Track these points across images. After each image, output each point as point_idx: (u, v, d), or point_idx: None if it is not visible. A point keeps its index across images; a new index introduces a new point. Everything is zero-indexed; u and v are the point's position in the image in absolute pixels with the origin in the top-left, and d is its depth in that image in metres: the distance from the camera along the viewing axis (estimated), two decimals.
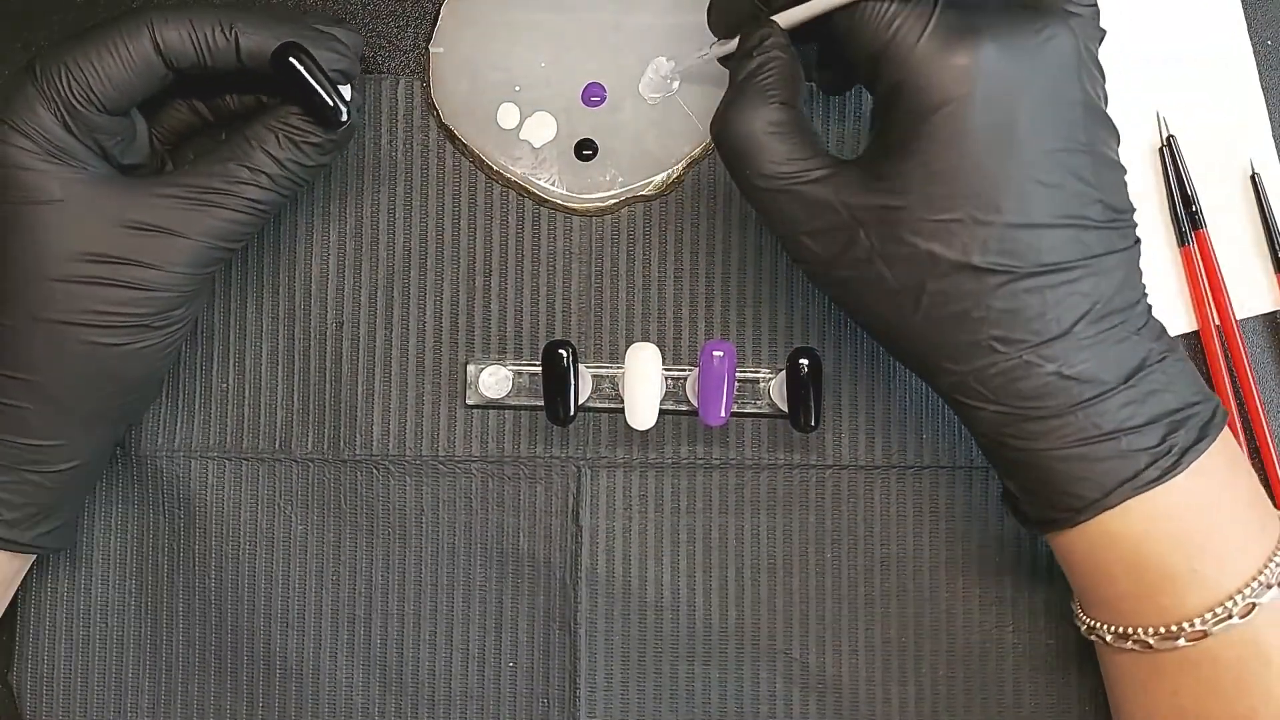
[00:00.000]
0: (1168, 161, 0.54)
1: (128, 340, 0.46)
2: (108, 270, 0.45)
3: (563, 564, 0.54)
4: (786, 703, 0.54)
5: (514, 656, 0.54)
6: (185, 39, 0.45)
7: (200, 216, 0.46)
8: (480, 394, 0.54)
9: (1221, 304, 0.54)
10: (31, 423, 0.46)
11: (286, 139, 0.47)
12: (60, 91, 0.44)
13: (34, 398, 0.45)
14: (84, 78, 0.44)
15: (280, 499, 0.54)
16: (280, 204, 0.48)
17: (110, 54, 0.45)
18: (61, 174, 0.45)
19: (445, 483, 0.54)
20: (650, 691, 0.54)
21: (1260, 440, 0.54)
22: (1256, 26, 0.55)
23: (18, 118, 0.45)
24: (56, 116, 0.45)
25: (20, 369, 0.45)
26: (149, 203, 0.45)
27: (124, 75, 0.45)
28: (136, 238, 0.45)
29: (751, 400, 0.53)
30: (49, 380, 0.45)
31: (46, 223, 0.45)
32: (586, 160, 0.54)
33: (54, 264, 0.45)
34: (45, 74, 0.45)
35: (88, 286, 0.45)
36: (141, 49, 0.45)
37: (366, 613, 0.54)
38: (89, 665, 0.54)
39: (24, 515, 0.47)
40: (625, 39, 0.54)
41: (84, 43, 0.45)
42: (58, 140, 0.45)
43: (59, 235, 0.45)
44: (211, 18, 0.46)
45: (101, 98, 0.45)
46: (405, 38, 0.55)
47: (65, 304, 0.45)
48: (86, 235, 0.45)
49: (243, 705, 0.54)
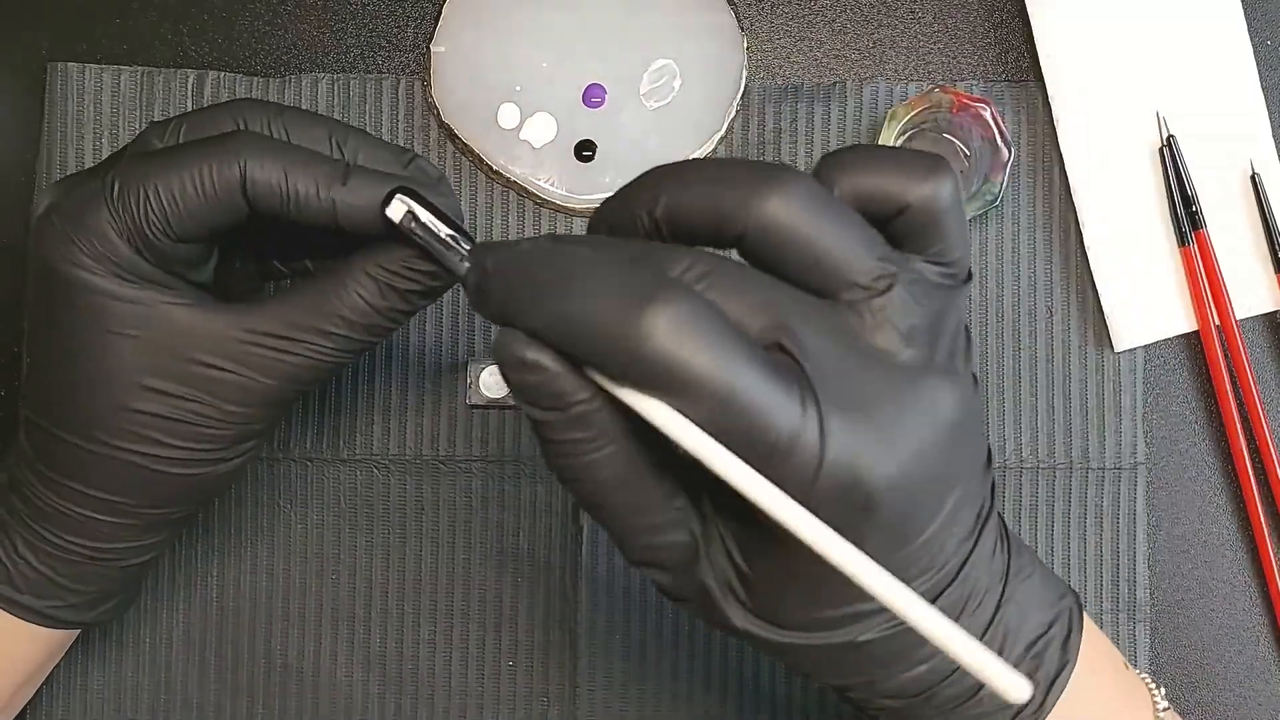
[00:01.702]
0: (1168, 161, 0.54)
1: (195, 471, 0.44)
2: (173, 407, 0.42)
3: (563, 564, 0.54)
4: (786, 702, 0.54)
5: (514, 656, 0.54)
6: (277, 190, 0.41)
7: (281, 362, 0.42)
8: (480, 394, 0.54)
9: (1221, 304, 0.54)
10: (99, 530, 0.44)
11: (389, 287, 0.42)
12: (136, 220, 0.41)
13: (101, 509, 0.44)
14: (163, 208, 0.41)
15: (280, 499, 0.54)
16: (371, 348, 0.44)
17: (196, 188, 0.41)
18: (133, 300, 0.42)
19: (445, 483, 0.54)
20: (650, 691, 0.54)
21: (1260, 440, 0.54)
22: (1256, 26, 0.55)
23: (88, 241, 0.41)
24: (129, 243, 0.41)
25: (89, 485, 0.44)
26: (222, 341, 0.42)
27: (207, 211, 0.41)
28: (204, 376, 0.42)
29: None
30: (117, 497, 0.44)
31: (113, 350, 0.42)
32: (586, 161, 0.54)
33: (119, 392, 0.42)
34: (122, 196, 0.41)
35: (150, 418, 0.42)
36: (230, 188, 0.41)
37: (366, 612, 0.54)
38: (89, 665, 0.54)
39: (88, 600, 0.46)
40: (627, 40, 0.54)
41: (168, 168, 0.41)
42: (129, 265, 0.41)
43: (124, 364, 0.42)
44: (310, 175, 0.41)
45: (179, 229, 0.41)
46: (405, 37, 0.55)
47: (130, 432, 0.42)
48: (152, 368, 0.42)
49: (243, 705, 0.54)
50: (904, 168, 0.35)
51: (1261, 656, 0.55)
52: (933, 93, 0.52)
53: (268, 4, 0.55)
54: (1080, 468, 0.54)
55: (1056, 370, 0.54)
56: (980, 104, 0.52)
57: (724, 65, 0.54)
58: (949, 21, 0.56)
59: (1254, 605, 0.55)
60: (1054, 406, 0.54)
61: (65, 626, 0.47)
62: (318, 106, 0.54)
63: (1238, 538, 0.55)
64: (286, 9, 0.55)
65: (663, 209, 0.35)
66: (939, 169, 0.35)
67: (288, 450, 0.54)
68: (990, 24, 0.56)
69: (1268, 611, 0.55)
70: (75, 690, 0.54)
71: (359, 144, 0.44)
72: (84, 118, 0.54)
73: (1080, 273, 0.55)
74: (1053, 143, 0.55)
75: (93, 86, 0.54)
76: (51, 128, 0.54)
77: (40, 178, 0.54)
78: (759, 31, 0.56)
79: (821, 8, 0.56)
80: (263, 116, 0.44)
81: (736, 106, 0.54)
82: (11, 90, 0.55)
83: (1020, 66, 0.56)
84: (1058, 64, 0.54)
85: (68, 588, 0.46)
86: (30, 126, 0.55)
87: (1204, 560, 0.55)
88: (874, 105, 0.55)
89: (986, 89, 0.55)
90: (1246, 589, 0.55)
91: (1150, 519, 0.55)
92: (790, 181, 0.34)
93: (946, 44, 0.56)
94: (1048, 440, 0.54)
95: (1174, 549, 0.55)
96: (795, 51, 0.56)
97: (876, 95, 0.55)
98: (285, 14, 0.55)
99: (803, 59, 0.56)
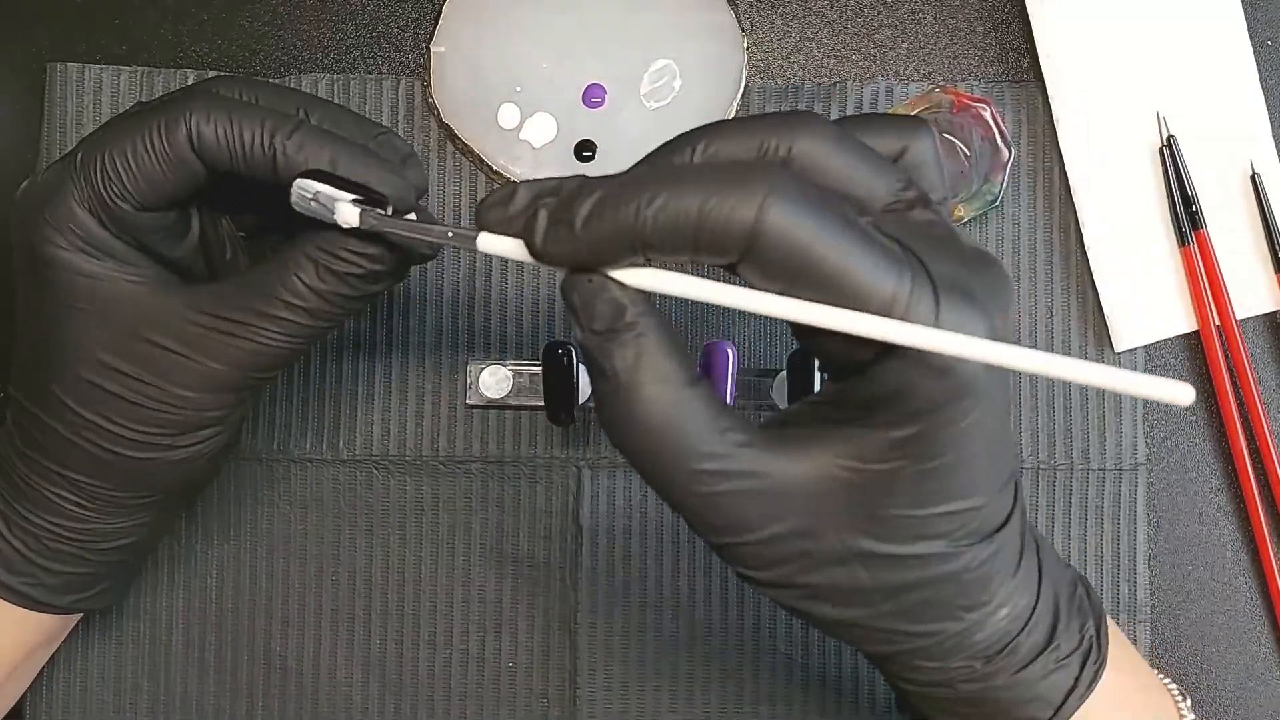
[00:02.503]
0: (1168, 161, 0.54)
1: (151, 454, 0.43)
2: (125, 385, 0.42)
3: (563, 564, 0.54)
4: (787, 703, 0.54)
5: (514, 656, 0.54)
6: (223, 141, 0.41)
7: (228, 346, 0.42)
8: (480, 394, 0.54)
9: (1221, 304, 0.54)
10: (69, 509, 0.45)
11: (328, 270, 0.41)
12: (95, 187, 0.41)
13: (68, 488, 0.44)
14: (118, 173, 0.41)
15: (280, 499, 0.54)
16: (323, 334, 0.43)
17: (147, 148, 0.41)
18: (96, 275, 0.42)
19: (445, 483, 0.54)
20: (650, 691, 0.54)
21: (1260, 440, 0.54)
22: (1256, 26, 0.55)
23: (54, 214, 0.41)
24: (93, 214, 0.41)
25: (58, 463, 0.44)
26: (171, 321, 0.42)
27: (159, 173, 0.41)
28: (158, 357, 0.42)
29: (752, 400, 0.53)
30: (84, 477, 0.44)
31: (73, 322, 0.42)
32: (586, 161, 0.54)
33: (78, 366, 0.42)
34: (84, 167, 0.41)
35: (106, 396, 0.42)
36: (178, 145, 0.41)
37: (366, 612, 0.54)
38: (88, 665, 0.54)
39: (63, 582, 0.46)
40: (627, 40, 0.54)
41: (120, 132, 0.41)
42: (94, 238, 0.42)
43: (84, 338, 0.42)
44: (256, 123, 0.41)
45: (136, 195, 0.41)
46: (405, 38, 0.55)
47: (88, 409, 0.42)
48: (106, 344, 0.42)
49: (243, 705, 0.54)
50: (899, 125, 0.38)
51: (1261, 656, 0.55)
52: (933, 93, 0.52)
53: (268, 4, 0.55)
54: (1080, 468, 0.54)
55: None
56: (980, 104, 0.52)
57: (724, 65, 0.54)
58: (949, 21, 0.56)
59: (1254, 605, 0.55)
60: (1054, 407, 0.54)
61: (42, 609, 0.47)
62: None
63: (1238, 538, 0.55)
64: (286, 9, 0.55)
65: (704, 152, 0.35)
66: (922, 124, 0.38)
67: (288, 450, 0.54)
68: (990, 24, 0.56)
69: (1268, 611, 0.55)
70: (75, 691, 0.54)
71: (326, 114, 0.43)
72: (84, 118, 0.54)
73: (1080, 273, 0.55)
74: (1053, 143, 0.55)
75: (92, 86, 0.54)
76: (51, 128, 0.54)
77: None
78: (759, 31, 0.56)
79: (821, 8, 0.56)
80: (234, 87, 0.44)
81: (737, 107, 0.54)
82: (11, 90, 0.55)
83: (1020, 66, 0.56)
84: (1058, 64, 0.54)
85: (42, 567, 0.46)
86: (30, 126, 0.55)
87: (1204, 560, 0.55)
88: (874, 105, 0.55)
89: (986, 89, 0.55)
90: (1246, 589, 0.55)
91: (1150, 519, 0.55)
92: (813, 118, 0.35)
93: (947, 44, 0.56)
94: (1048, 440, 0.54)
95: (1174, 549, 0.55)
96: (795, 51, 0.56)
97: (877, 95, 0.55)
98: (285, 14, 0.55)
99: (803, 59, 0.56)
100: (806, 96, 0.55)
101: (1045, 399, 0.54)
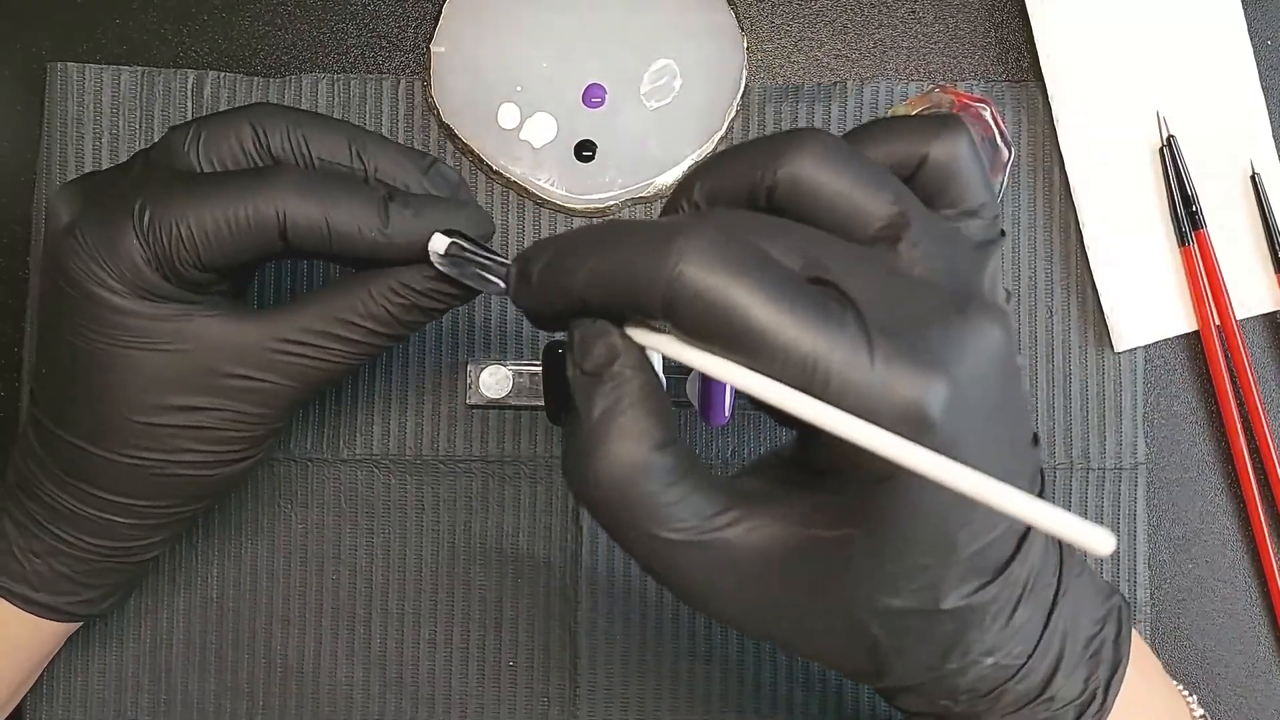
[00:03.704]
0: (1168, 161, 0.54)
1: (214, 473, 0.45)
2: (199, 417, 0.43)
3: (563, 564, 0.54)
4: (787, 702, 0.54)
5: (514, 656, 0.54)
6: (316, 231, 0.41)
7: (306, 367, 0.43)
8: (480, 394, 0.54)
9: (1221, 304, 0.54)
10: (117, 530, 0.45)
11: (414, 305, 0.43)
12: (165, 251, 0.41)
13: (118, 512, 0.45)
14: (194, 244, 0.41)
15: (280, 499, 0.54)
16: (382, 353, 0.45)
17: (229, 228, 0.41)
18: (157, 318, 0.42)
19: (445, 483, 0.54)
20: (650, 690, 0.54)
21: (1260, 440, 0.54)
22: (1256, 26, 0.55)
23: (114, 265, 0.41)
24: (158, 271, 0.41)
25: (109, 491, 0.44)
26: (249, 352, 0.43)
27: (236, 247, 0.41)
28: (237, 385, 0.43)
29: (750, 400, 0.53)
30: (133, 500, 0.44)
31: (139, 367, 0.42)
32: (586, 161, 0.54)
33: (141, 409, 0.43)
34: (153, 227, 0.41)
35: (176, 429, 0.43)
36: (265, 229, 0.41)
37: (366, 612, 0.54)
38: (89, 665, 0.54)
39: (101, 594, 0.47)
40: (627, 40, 0.54)
41: (202, 206, 0.41)
42: (155, 288, 0.42)
43: (152, 381, 0.42)
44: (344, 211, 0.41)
45: (208, 263, 0.41)
46: (405, 38, 0.55)
47: (154, 444, 0.43)
48: (179, 385, 0.42)
49: (243, 705, 0.54)
50: (919, 127, 0.36)
51: (1262, 656, 0.55)
52: (933, 93, 0.52)
53: (268, 4, 0.55)
54: (1080, 468, 0.54)
55: (1057, 370, 0.54)
56: (980, 104, 0.52)
57: (724, 65, 0.54)
58: (949, 21, 0.56)
59: (1254, 605, 0.55)
60: (1054, 406, 0.54)
61: (77, 620, 0.48)
62: (318, 107, 0.54)
63: (1238, 538, 0.55)
64: (286, 9, 0.55)
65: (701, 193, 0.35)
66: (952, 123, 0.36)
67: (288, 450, 0.54)
68: (990, 24, 0.56)
69: (1268, 611, 0.55)
70: (75, 690, 0.54)
71: (378, 151, 0.44)
72: (84, 118, 0.54)
73: (1080, 273, 0.55)
74: (1053, 143, 0.55)
75: (93, 86, 0.54)
76: (51, 128, 0.54)
77: (40, 178, 0.54)
78: (759, 31, 0.56)
79: (822, 8, 0.56)
80: (282, 125, 0.44)
81: (737, 107, 0.54)
82: (11, 90, 0.55)
83: (1020, 66, 0.56)
84: (1058, 64, 0.54)
85: (83, 583, 0.46)
86: (30, 126, 0.55)
87: (1204, 560, 0.55)
88: (875, 105, 0.55)
89: (987, 89, 0.55)
90: (1246, 589, 0.55)
91: (1150, 519, 0.55)
92: (810, 137, 0.34)
93: (947, 44, 0.56)
94: (1048, 440, 0.54)
95: (1174, 549, 0.55)
96: (796, 51, 0.56)
97: (877, 95, 0.55)
98: (285, 14, 0.55)
99: (803, 59, 0.56)
100: (806, 96, 0.55)
101: (1045, 399, 0.54)
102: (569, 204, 0.54)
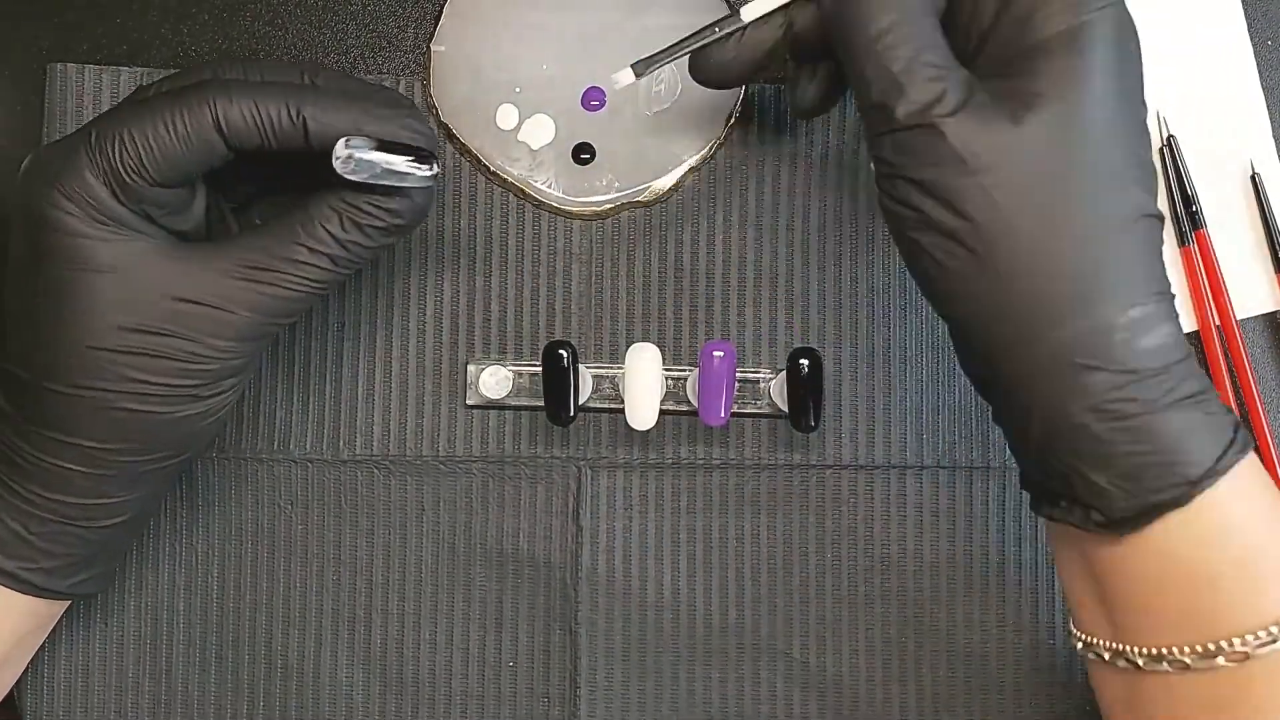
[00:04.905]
0: (1168, 161, 0.54)
1: (171, 409, 0.45)
2: (151, 342, 0.43)
3: (563, 564, 0.54)
4: (787, 702, 0.54)
5: (514, 656, 0.54)
6: (250, 121, 0.43)
7: (251, 293, 0.44)
8: (480, 394, 0.54)
9: (1221, 304, 0.54)
10: (76, 482, 0.45)
11: (351, 221, 0.44)
12: (112, 162, 0.43)
13: (79, 459, 0.45)
14: (138, 151, 0.43)
15: (280, 499, 0.54)
16: (338, 283, 0.46)
17: (168, 130, 0.43)
18: (109, 241, 0.43)
19: (445, 483, 0.54)
20: (650, 691, 0.54)
21: (1260, 440, 0.54)
22: (1256, 26, 0.55)
23: (67, 184, 0.43)
24: (106, 186, 0.43)
25: (65, 432, 0.44)
26: (198, 277, 0.44)
27: (181, 152, 0.43)
28: (182, 312, 0.44)
29: (752, 400, 0.53)
30: (93, 444, 0.44)
31: (91, 291, 0.43)
32: (584, 164, 0.54)
33: (97, 333, 0.43)
34: (99, 142, 0.43)
35: (130, 357, 0.43)
36: (203, 128, 0.43)
37: (366, 612, 0.54)
38: (89, 665, 0.54)
39: (63, 564, 0.47)
40: (628, 43, 0.54)
41: (142, 114, 0.43)
42: (106, 208, 0.43)
43: (102, 305, 0.43)
44: (279, 99, 0.43)
45: (154, 172, 0.43)
46: (405, 37, 0.55)
47: (107, 373, 0.43)
48: (130, 307, 0.43)
49: (243, 705, 0.54)
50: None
51: None
52: None
53: (268, 4, 0.55)
54: None
55: None
56: None
57: None
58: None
59: None
60: None
61: (38, 594, 0.47)
62: None
63: None
64: (286, 9, 0.55)
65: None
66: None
67: (288, 450, 0.54)
68: None
69: None
70: (76, 690, 0.54)
71: (328, 77, 0.47)
72: (84, 118, 0.54)
73: None
74: None
75: (92, 86, 0.54)
76: (51, 128, 0.54)
77: None
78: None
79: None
80: (237, 65, 0.46)
81: (736, 110, 0.54)
82: (11, 90, 0.55)
83: None
84: None
85: (40, 549, 0.46)
86: (30, 126, 0.55)
87: None
88: None
89: None
90: None
91: None
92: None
93: None
94: None
95: None
96: None
97: None
98: (285, 14, 0.55)
99: None
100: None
101: None
102: (566, 206, 0.54)
